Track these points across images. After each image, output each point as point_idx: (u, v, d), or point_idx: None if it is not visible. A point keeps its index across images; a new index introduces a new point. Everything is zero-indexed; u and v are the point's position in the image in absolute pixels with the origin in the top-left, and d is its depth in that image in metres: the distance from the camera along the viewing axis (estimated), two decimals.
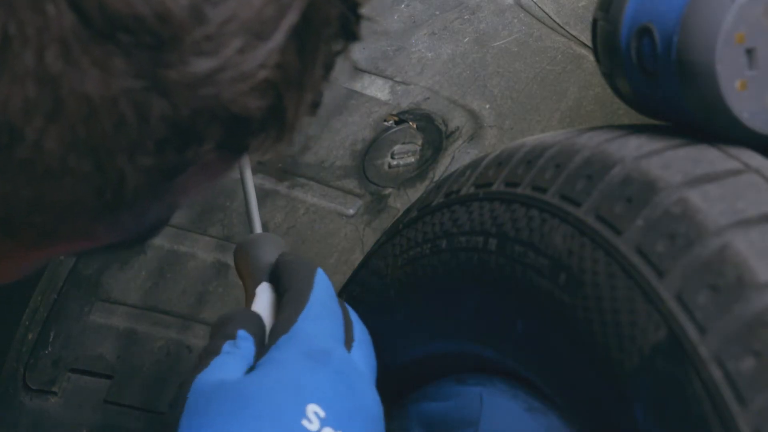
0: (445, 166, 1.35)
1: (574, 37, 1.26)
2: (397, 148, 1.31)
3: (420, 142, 1.31)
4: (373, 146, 1.29)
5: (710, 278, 0.70)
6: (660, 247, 0.74)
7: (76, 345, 1.30)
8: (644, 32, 0.82)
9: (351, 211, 1.35)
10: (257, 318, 0.87)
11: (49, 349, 1.29)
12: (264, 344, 0.85)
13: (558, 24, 1.24)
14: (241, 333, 0.85)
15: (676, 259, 0.72)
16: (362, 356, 0.88)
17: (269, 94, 0.55)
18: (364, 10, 0.61)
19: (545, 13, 1.23)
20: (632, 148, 0.81)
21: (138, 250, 1.27)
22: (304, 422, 0.78)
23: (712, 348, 0.69)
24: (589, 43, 1.24)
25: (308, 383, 0.80)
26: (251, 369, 0.82)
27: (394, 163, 1.32)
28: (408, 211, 1.01)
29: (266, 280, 0.92)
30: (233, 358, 0.83)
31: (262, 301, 0.90)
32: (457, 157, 1.34)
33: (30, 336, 1.27)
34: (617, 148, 0.81)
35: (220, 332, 0.86)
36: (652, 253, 0.74)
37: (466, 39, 1.23)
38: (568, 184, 0.82)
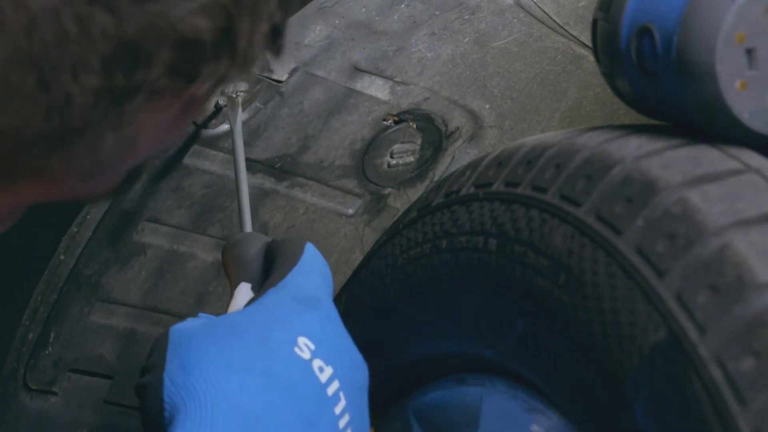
0: (445, 166, 1.35)
1: (574, 37, 1.26)
2: (396, 147, 1.31)
3: (419, 141, 1.31)
4: (373, 145, 1.29)
5: (710, 278, 0.71)
6: (660, 247, 0.74)
7: (76, 345, 1.30)
8: (644, 32, 0.82)
9: (350, 211, 1.35)
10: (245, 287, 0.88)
11: (50, 350, 1.29)
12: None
13: (558, 24, 1.24)
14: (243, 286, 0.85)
15: (676, 259, 0.73)
16: None
17: (219, 15, 0.53)
18: None
19: (545, 13, 1.23)
20: (632, 148, 0.81)
21: (137, 251, 1.27)
22: (296, 350, 0.77)
23: (712, 348, 0.69)
24: (589, 43, 1.24)
25: (298, 320, 0.80)
26: None
27: (394, 162, 1.32)
28: (408, 211, 1.01)
29: (248, 280, 0.91)
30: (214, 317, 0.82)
31: (240, 302, 0.89)
32: (457, 158, 1.34)
33: (30, 336, 1.27)
34: (617, 148, 0.81)
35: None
36: (652, 253, 0.74)
37: (466, 39, 1.23)
38: (568, 184, 0.82)
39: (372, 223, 1.37)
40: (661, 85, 0.82)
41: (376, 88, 1.24)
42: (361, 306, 1.03)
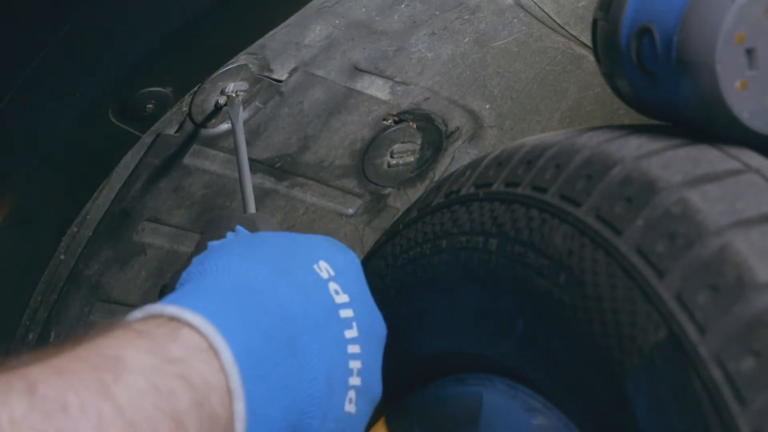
0: (445, 166, 1.35)
1: (574, 37, 1.26)
2: (396, 147, 1.31)
3: (419, 141, 1.31)
4: (373, 145, 1.29)
5: (710, 278, 0.71)
6: (660, 248, 0.74)
7: None
8: (644, 32, 0.82)
9: (350, 211, 1.35)
10: (264, 222, 0.89)
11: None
12: None
13: (558, 24, 1.24)
14: (240, 228, 0.87)
15: (676, 259, 0.73)
16: None
17: None
18: None
19: (545, 13, 1.23)
20: (632, 148, 0.81)
21: (137, 251, 1.27)
22: (316, 267, 0.80)
23: (712, 348, 0.69)
24: (589, 43, 1.24)
25: (324, 249, 0.83)
26: None
27: (394, 162, 1.32)
28: (408, 211, 1.01)
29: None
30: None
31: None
32: (457, 158, 1.35)
33: (31, 336, 1.27)
34: (617, 148, 0.81)
35: (208, 236, 0.88)
36: (652, 253, 0.74)
37: (466, 39, 1.23)
38: (568, 184, 0.82)
39: (372, 223, 1.37)
40: (661, 85, 0.82)
41: (376, 88, 1.24)
42: None
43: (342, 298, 0.80)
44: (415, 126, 1.29)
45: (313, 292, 0.78)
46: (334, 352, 0.78)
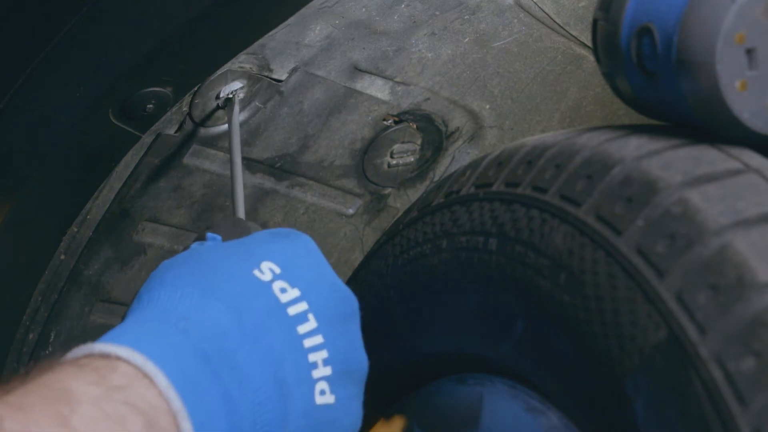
0: (445, 167, 1.35)
1: (574, 37, 1.26)
2: (396, 147, 1.31)
3: (419, 141, 1.31)
4: (373, 145, 1.29)
5: (710, 278, 0.71)
6: (660, 248, 0.74)
7: (76, 345, 1.30)
8: (644, 32, 0.82)
9: (350, 211, 1.35)
10: (237, 226, 0.90)
11: (50, 350, 1.29)
12: None
13: (558, 24, 1.24)
14: (210, 235, 0.87)
15: (676, 259, 0.73)
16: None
17: None
18: None
19: (545, 13, 1.23)
20: (632, 148, 0.81)
21: (138, 250, 1.27)
22: (256, 272, 0.81)
23: (713, 348, 0.69)
24: (590, 44, 1.24)
25: (266, 247, 0.84)
26: None
27: (394, 162, 1.32)
28: (408, 211, 1.01)
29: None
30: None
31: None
32: (457, 158, 1.35)
33: (31, 336, 1.27)
34: (617, 148, 0.81)
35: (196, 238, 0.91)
36: (653, 253, 0.74)
37: (466, 39, 1.23)
38: (569, 185, 0.82)
39: (372, 223, 1.37)
40: (661, 85, 0.82)
41: (376, 88, 1.24)
42: (362, 306, 1.03)
43: (290, 294, 0.81)
44: (415, 126, 1.29)
45: (251, 300, 0.80)
46: (284, 353, 0.79)
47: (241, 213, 1.03)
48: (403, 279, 0.97)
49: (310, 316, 0.81)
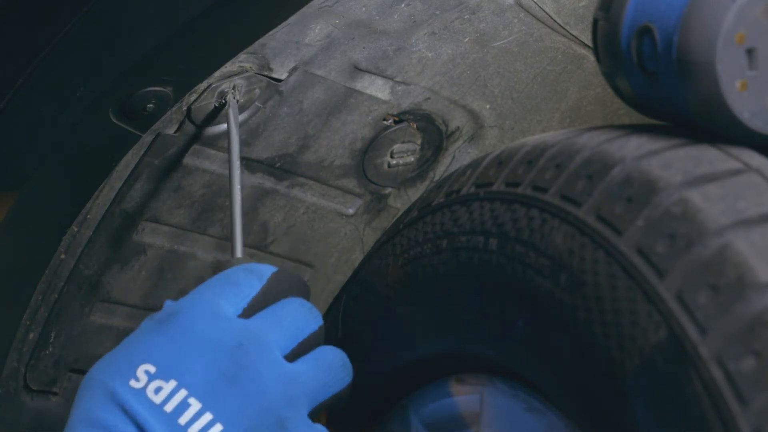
0: (445, 166, 1.35)
1: (574, 37, 1.26)
2: (396, 147, 1.31)
3: (419, 141, 1.31)
4: (373, 145, 1.29)
5: (711, 278, 0.71)
6: (660, 247, 0.74)
7: (76, 345, 1.30)
8: (644, 32, 0.82)
9: (351, 211, 1.35)
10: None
11: (50, 350, 1.29)
12: None
13: (558, 24, 1.24)
14: (167, 303, 0.88)
15: (676, 259, 0.73)
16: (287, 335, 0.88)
17: None
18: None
19: (546, 13, 1.23)
20: (632, 148, 0.81)
21: (138, 250, 1.27)
22: (132, 382, 0.82)
23: (713, 348, 0.69)
24: (590, 43, 1.24)
25: (142, 347, 0.84)
26: None
27: (394, 162, 1.32)
28: (408, 210, 1.01)
29: None
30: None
31: None
32: (457, 157, 1.34)
33: (31, 336, 1.27)
34: (618, 148, 0.81)
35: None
36: (653, 253, 0.74)
37: (467, 39, 1.23)
38: (569, 184, 0.82)
39: (372, 223, 1.37)
40: (662, 85, 0.82)
41: (376, 88, 1.24)
42: (361, 306, 1.03)
43: (166, 388, 0.81)
44: (415, 126, 1.29)
45: (123, 417, 0.81)
46: None
47: (238, 252, 1.02)
48: (403, 279, 0.97)
49: (192, 400, 0.80)
